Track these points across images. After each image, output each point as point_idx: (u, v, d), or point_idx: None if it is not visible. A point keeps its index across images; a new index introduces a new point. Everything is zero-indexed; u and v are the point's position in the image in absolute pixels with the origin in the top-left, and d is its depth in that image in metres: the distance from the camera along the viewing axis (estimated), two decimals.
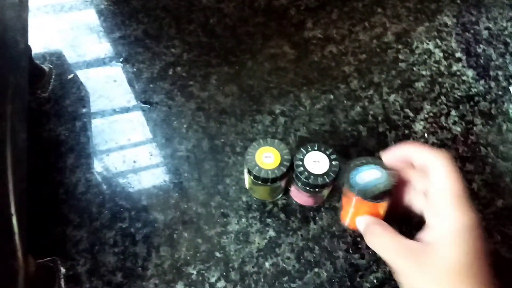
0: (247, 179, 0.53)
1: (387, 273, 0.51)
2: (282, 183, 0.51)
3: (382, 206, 0.41)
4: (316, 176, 0.47)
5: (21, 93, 0.52)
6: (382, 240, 0.37)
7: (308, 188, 0.48)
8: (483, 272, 0.33)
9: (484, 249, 0.33)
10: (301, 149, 0.49)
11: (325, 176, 0.47)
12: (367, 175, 0.41)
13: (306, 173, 0.47)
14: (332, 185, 0.50)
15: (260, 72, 0.67)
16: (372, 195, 0.39)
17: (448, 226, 0.34)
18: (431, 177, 0.35)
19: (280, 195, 0.55)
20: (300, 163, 0.48)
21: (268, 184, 0.49)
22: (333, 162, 0.48)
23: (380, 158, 0.41)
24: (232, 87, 0.65)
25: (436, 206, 0.35)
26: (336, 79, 0.67)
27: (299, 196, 0.53)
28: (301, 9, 0.75)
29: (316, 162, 0.48)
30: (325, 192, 0.52)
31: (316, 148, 0.49)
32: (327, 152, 0.49)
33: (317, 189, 0.48)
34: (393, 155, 0.40)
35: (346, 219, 0.43)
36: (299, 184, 0.49)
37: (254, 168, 0.48)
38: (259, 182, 0.49)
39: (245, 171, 0.51)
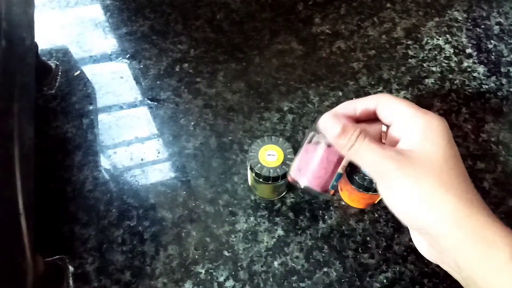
0: (249, 176, 0.53)
1: (397, 273, 0.51)
2: (286, 181, 0.51)
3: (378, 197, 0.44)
4: None
5: (28, 90, 0.52)
6: (365, 154, 0.36)
7: None
8: (464, 173, 0.32)
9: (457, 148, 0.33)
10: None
11: None
12: None
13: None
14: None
15: (268, 69, 0.66)
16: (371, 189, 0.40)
17: (420, 128, 0.34)
18: (386, 107, 0.35)
19: (282, 194, 0.55)
20: None
21: (270, 182, 0.48)
22: None
23: None
24: (239, 83, 0.65)
25: (404, 121, 0.34)
26: (345, 76, 0.66)
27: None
28: (309, 4, 0.74)
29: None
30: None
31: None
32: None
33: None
34: (341, 111, 0.39)
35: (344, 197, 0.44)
36: None
37: (256, 166, 0.48)
38: (261, 180, 0.48)
39: (248, 168, 0.51)
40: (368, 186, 0.48)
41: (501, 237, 0.29)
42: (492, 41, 0.71)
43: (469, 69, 0.68)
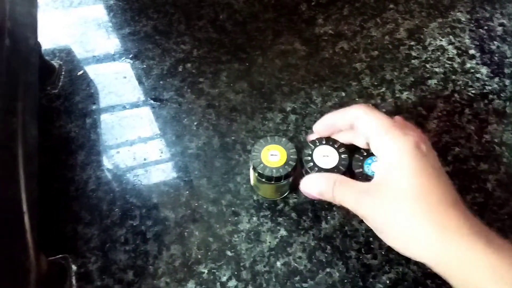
0: (252, 176, 0.52)
1: (400, 274, 0.51)
2: (289, 181, 0.51)
3: None
4: (326, 170, 0.47)
5: (32, 90, 0.52)
6: (344, 194, 0.37)
7: None
8: (443, 190, 0.32)
9: (437, 167, 0.33)
10: (309, 144, 0.49)
11: (335, 170, 0.47)
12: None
13: (316, 168, 0.47)
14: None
15: (271, 69, 0.66)
16: None
17: (389, 152, 0.34)
18: (360, 127, 0.38)
19: (285, 194, 0.55)
20: (309, 158, 0.47)
21: (272, 182, 0.48)
22: (342, 156, 0.48)
23: None
24: (242, 84, 0.65)
25: (375, 142, 0.36)
26: (348, 76, 0.66)
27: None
28: (312, 5, 0.74)
29: (325, 156, 0.47)
30: None
31: (324, 142, 0.48)
32: (336, 146, 0.48)
33: None
34: (322, 127, 0.42)
35: None
36: None
37: (258, 166, 0.48)
38: (263, 180, 0.48)
39: (250, 168, 0.51)
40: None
41: (482, 258, 0.29)
42: (495, 42, 0.71)
43: (472, 70, 0.68)
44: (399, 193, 0.32)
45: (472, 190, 0.57)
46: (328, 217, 0.54)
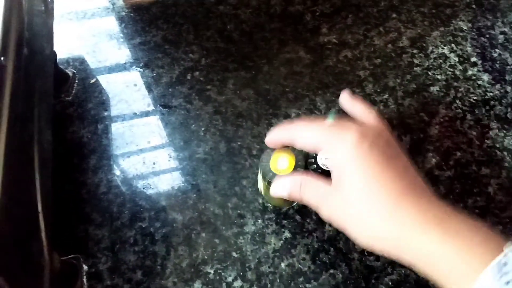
0: (262, 186, 0.53)
1: (402, 276, 0.52)
2: None
3: None
4: (329, 173, 0.48)
5: (47, 97, 0.55)
6: (309, 196, 0.39)
7: None
8: (392, 180, 0.33)
9: (385, 157, 0.33)
10: None
11: None
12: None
13: (320, 171, 0.48)
14: None
15: (276, 77, 0.68)
16: None
17: (334, 159, 0.35)
18: (301, 147, 0.39)
19: (295, 203, 0.56)
20: (313, 161, 0.49)
21: None
22: None
23: None
24: (248, 91, 0.67)
25: (319, 156, 0.39)
26: (351, 83, 0.68)
27: None
28: (317, 15, 0.76)
29: (328, 159, 0.49)
30: None
31: None
32: None
33: None
34: (271, 142, 0.44)
35: None
36: None
37: (268, 175, 0.48)
38: None
39: (259, 177, 0.51)
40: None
41: (437, 248, 0.30)
42: (496, 50, 0.73)
43: (473, 77, 0.69)
44: (350, 194, 0.33)
45: (474, 194, 0.58)
46: None
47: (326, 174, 0.48)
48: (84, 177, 0.59)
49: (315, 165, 0.49)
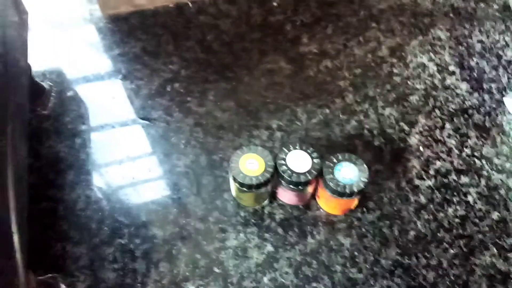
0: (233, 187, 0.54)
1: (384, 287, 0.52)
2: (268, 189, 0.53)
3: (353, 202, 0.52)
4: (299, 174, 0.50)
5: (22, 111, 0.53)
6: None
7: (291, 186, 0.51)
8: None
9: None
10: (283, 149, 0.51)
11: (307, 174, 0.50)
12: (345, 172, 0.49)
13: (289, 171, 0.49)
14: (315, 183, 0.53)
15: (257, 87, 0.68)
16: (345, 194, 0.48)
17: None
18: None
19: (266, 201, 0.56)
20: (283, 162, 0.50)
21: (253, 190, 0.50)
22: (315, 160, 0.50)
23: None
24: (229, 102, 0.66)
25: None
26: (332, 94, 0.68)
27: (284, 195, 0.55)
28: (297, 25, 0.77)
29: (299, 161, 0.50)
30: (309, 189, 0.54)
31: (297, 148, 0.51)
32: (309, 151, 0.51)
33: (300, 186, 0.51)
34: None
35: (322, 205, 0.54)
36: (284, 182, 0.51)
37: (238, 175, 0.49)
38: (244, 189, 0.50)
39: (230, 179, 0.52)
40: (341, 192, 0.49)
41: None
42: (474, 59, 0.74)
43: (452, 86, 0.70)
44: None
45: (453, 203, 0.58)
46: (314, 232, 0.55)
47: (296, 174, 0.50)
48: (61, 193, 0.57)
49: (285, 167, 0.50)
